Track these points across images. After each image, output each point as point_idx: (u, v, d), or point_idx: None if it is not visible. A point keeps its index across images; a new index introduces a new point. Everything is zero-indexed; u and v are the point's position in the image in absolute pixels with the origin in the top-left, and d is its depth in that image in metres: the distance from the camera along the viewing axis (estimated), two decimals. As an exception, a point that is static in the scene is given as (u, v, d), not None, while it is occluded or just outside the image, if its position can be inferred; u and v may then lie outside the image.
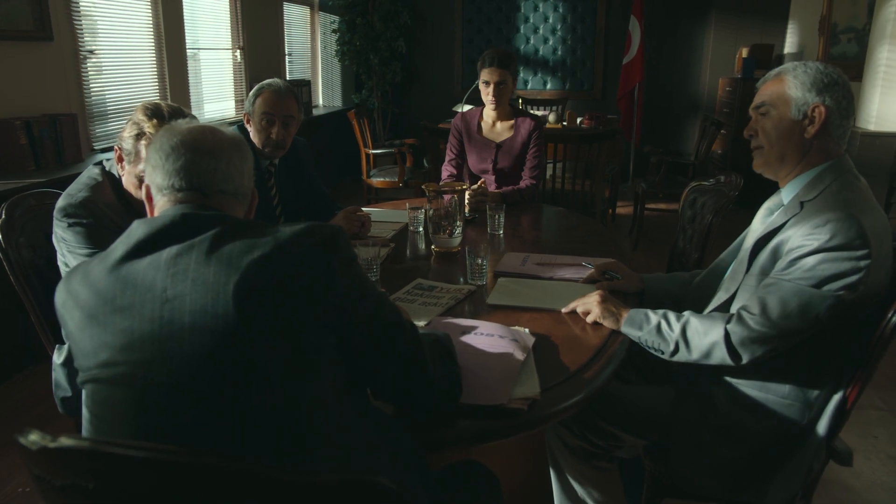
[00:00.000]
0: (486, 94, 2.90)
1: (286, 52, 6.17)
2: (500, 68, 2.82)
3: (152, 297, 0.90)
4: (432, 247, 2.16)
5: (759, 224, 1.58)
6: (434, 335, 1.24)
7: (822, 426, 1.43)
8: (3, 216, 1.73)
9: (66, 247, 1.60)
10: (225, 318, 0.87)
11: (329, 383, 0.95)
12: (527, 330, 1.50)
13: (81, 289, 0.96)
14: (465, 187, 2.24)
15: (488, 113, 3.00)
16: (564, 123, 5.24)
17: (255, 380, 0.88)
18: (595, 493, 1.65)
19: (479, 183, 2.77)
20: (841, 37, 5.05)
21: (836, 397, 1.42)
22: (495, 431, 1.18)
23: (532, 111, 4.99)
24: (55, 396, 1.83)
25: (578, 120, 5.36)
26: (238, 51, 5.35)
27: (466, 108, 5.64)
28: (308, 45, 6.79)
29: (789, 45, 6.18)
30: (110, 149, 3.84)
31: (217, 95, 5.20)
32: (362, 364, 1.02)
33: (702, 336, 1.41)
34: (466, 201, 2.55)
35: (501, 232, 2.42)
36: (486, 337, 1.41)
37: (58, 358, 1.79)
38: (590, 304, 1.57)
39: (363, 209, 2.45)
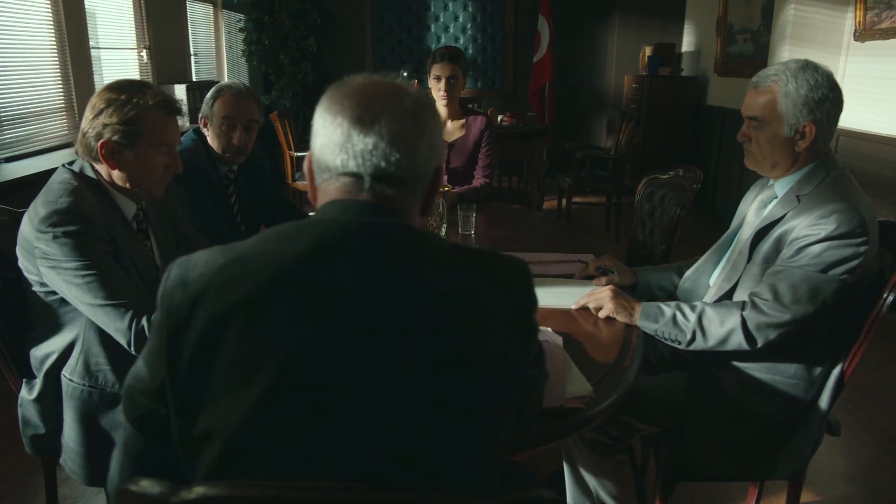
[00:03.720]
0: (438, 90, 2.88)
1: (191, 52, 5.85)
2: (452, 63, 2.82)
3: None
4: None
5: (753, 216, 1.67)
6: None
7: (823, 401, 1.54)
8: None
9: (49, 263, 1.40)
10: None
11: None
12: (549, 329, 1.51)
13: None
14: (449, 188, 2.22)
15: (439, 111, 2.98)
16: (487, 121, 5.30)
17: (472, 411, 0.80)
18: (609, 484, 1.69)
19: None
20: (737, 37, 5.42)
21: (835, 372, 1.52)
22: (556, 433, 1.18)
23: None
24: (23, 435, 1.65)
25: (499, 118, 5.44)
26: (144, 50, 5.02)
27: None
28: (213, 44, 6.47)
29: (687, 44, 6.58)
30: (17, 157, 3.50)
31: (123, 98, 4.85)
32: None
33: (718, 325, 1.48)
34: None
35: (472, 233, 2.41)
36: (519, 339, 1.40)
37: (28, 394, 1.62)
38: (602, 300, 1.60)
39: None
